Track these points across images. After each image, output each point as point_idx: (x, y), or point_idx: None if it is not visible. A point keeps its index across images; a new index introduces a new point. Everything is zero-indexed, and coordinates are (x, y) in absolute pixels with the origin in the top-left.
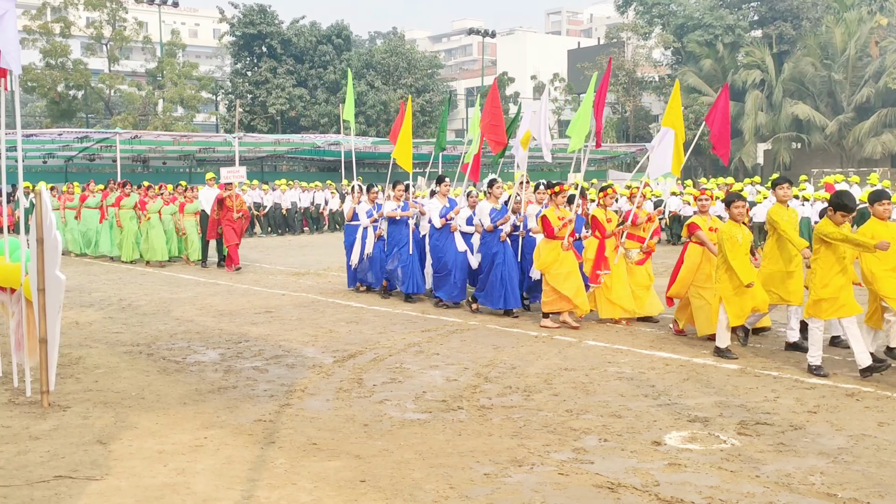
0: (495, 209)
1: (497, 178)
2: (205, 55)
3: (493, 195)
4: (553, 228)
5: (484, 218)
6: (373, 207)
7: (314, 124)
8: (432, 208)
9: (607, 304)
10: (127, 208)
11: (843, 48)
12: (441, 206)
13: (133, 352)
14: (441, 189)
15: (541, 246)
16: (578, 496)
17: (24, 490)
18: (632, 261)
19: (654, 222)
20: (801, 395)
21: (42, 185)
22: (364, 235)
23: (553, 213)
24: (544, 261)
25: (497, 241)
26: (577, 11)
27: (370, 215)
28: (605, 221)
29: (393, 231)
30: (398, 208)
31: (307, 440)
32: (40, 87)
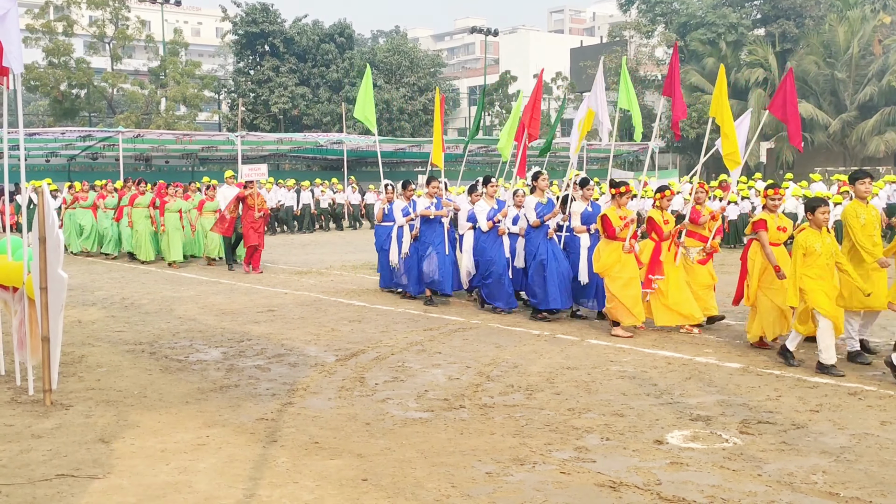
0: (541, 203)
1: (542, 171)
2: (207, 54)
3: (539, 188)
4: (614, 229)
5: (529, 213)
6: (409, 205)
7: (317, 123)
8: (479, 210)
9: (664, 311)
10: (141, 207)
11: (847, 46)
12: (489, 208)
13: (135, 350)
14: (488, 190)
15: (601, 247)
16: (580, 495)
17: (26, 488)
18: (692, 260)
19: (717, 220)
20: (803, 394)
21: (44, 183)
22: (400, 235)
23: (614, 212)
24: (604, 263)
25: (543, 237)
26: (580, 10)
27: (406, 214)
28: (662, 223)
29: (426, 230)
30: (431, 206)
31: (309, 439)
32: (43, 86)
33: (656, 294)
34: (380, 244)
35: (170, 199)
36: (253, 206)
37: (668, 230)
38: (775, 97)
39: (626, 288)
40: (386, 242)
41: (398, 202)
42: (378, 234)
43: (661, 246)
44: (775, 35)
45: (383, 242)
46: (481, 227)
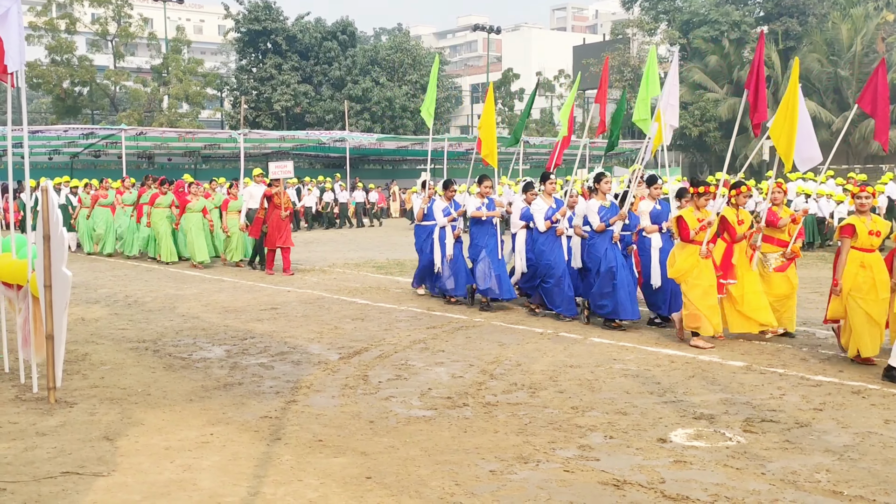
0: (604, 206)
1: (605, 172)
2: (210, 51)
3: (601, 191)
4: (689, 231)
5: (592, 216)
6: (450, 205)
7: (319, 121)
8: (536, 209)
9: (738, 318)
10: (162, 206)
11: (850, 44)
12: (546, 207)
13: (139, 348)
14: (546, 187)
15: (676, 251)
16: (584, 493)
17: (31, 486)
18: (770, 268)
19: (798, 223)
20: (806, 393)
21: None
22: (442, 236)
23: (691, 214)
24: (679, 268)
25: (609, 242)
26: (583, 7)
27: (447, 214)
28: (737, 223)
29: (477, 232)
30: (482, 207)
31: (313, 437)
32: (45, 84)
33: (729, 300)
34: (419, 244)
35: (192, 199)
36: (279, 206)
37: (742, 231)
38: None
39: (705, 296)
40: (426, 243)
41: (438, 202)
42: (418, 234)
43: (733, 248)
44: (778, 33)
45: (423, 243)
46: (538, 227)
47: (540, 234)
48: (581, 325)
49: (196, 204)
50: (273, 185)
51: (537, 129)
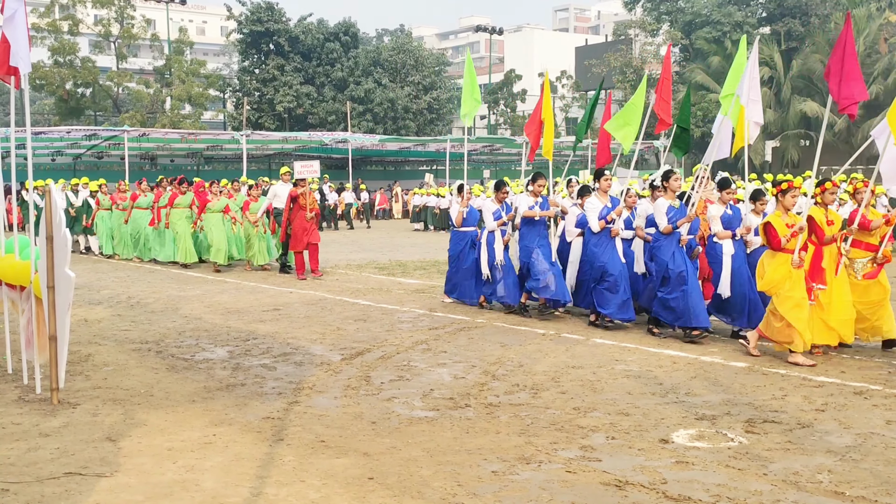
0: (673, 207)
1: (674, 170)
2: (212, 53)
3: (670, 189)
4: (780, 239)
5: (660, 217)
6: (500, 208)
7: (322, 122)
8: (590, 208)
9: (822, 328)
10: (182, 206)
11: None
12: (601, 206)
13: (142, 349)
14: (602, 185)
15: (765, 260)
16: (586, 494)
17: (34, 487)
18: (858, 275)
19: (892, 224)
20: (808, 394)
21: (51, 183)
22: (490, 240)
23: (779, 218)
24: (770, 279)
25: (677, 246)
26: (585, 8)
27: (498, 217)
28: (825, 224)
29: (528, 233)
30: (536, 206)
31: (315, 437)
32: (48, 85)
33: (816, 308)
34: (455, 251)
35: (212, 199)
36: (305, 207)
37: (831, 232)
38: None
39: (797, 309)
40: (462, 250)
41: (489, 204)
42: (455, 240)
43: (822, 251)
44: (781, 33)
45: (459, 250)
46: (592, 227)
47: (593, 234)
48: (582, 327)
49: (216, 204)
50: (298, 185)
51: None
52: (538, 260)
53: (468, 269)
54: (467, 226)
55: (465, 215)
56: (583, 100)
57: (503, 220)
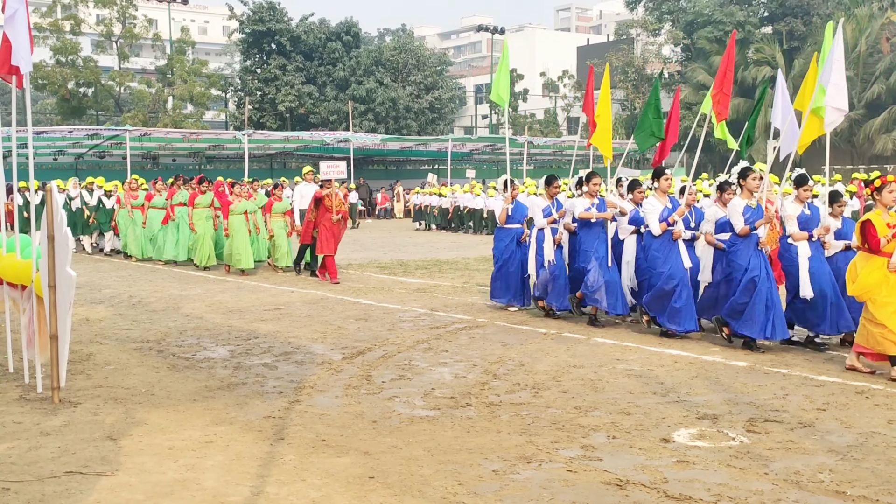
0: (750, 207)
1: (752, 167)
2: (214, 52)
3: (747, 189)
4: (878, 240)
5: (736, 218)
6: (551, 204)
7: (323, 121)
8: (649, 210)
9: None
10: (202, 206)
11: (854, 45)
12: (661, 207)
13: (143, 348)
14: (661, 184)
15: (858, 263)
16: (587, 493)
17: (35, 485)
18: None
19: None
20: (810, 393)
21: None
22: (540, 239)
23: (879, 217)
24: (864, 283)
25: (754, 249)
26: (587, 8)
27: (548, 214)
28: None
29: (585, 237)
30: (593, 207)
31: (316, 437)
32: (50, 85)
33: None
34: (500, 250)
35: (234, 200)
36: (330, 209)
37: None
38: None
39: None
40: (508, 249)
41: (538, 200)
42: (499, 239)
43: None
44: (783, 33)
45: (504, 249)
46: (652, 230)
47: (653, 238)
48: (584, 326)
49: (239, 206)
50: (324, 185)
51: (541, 129)
52: (595, 269)
53: (517, 270)
54: (512, 223)
55: (510, 212)
56: (583, 100)
57: (553, 218)
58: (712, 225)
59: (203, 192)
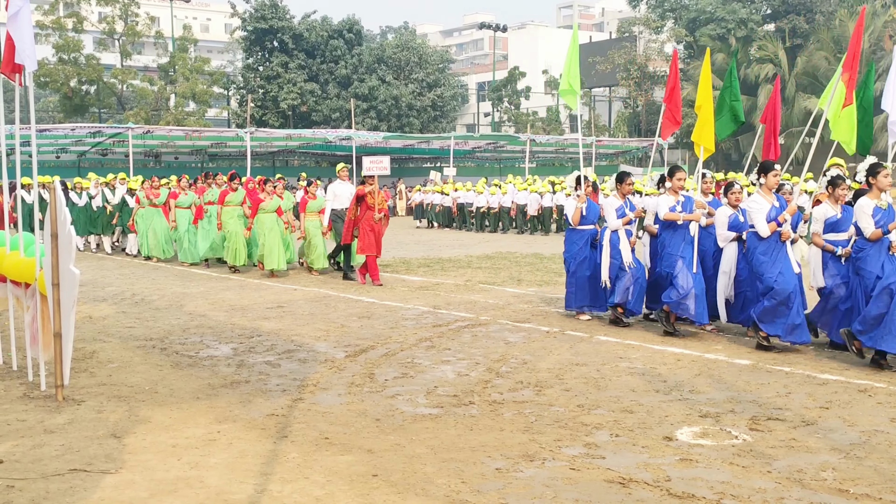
0: (880, 208)
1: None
2: (216, 50)
3: (877, 187)
4: None
5: (865, 221)
6: (624, 203)
7: (326, 119)
8: (754, 209)
9: None
10: (233, 205)
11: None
12: (768, 206)
13: (146, 346)
14: (768, 181)
15: None
16: (590, 491)
17: (39, 483)
18: None
19: None
20: (813, 391)
21: (56, 180)
22: (614, 241)
23: None
24: None
25: (886, 254)
26: (589, 5)
27: (622, 215)
28: None
29: (671, 239)
30: (678, 206)
31: (319, 434)
32: (53, 82)
33: None
34: (572, 254)
35: (265, 197)
36: (373, 207)
37: None
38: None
39: None
40: (581, 253)
41: (611, 199)
42: (571, 241)
43: None
44: (785, 31)
45: (576, 252)
46: (760, 231)
47: (759, 240)
48: (586, 324)
49: (270, 204)
50: (366, 182)
51: (543, 127)
52: (682, 273)
53: (595, 275)
54: (586, 224)
55: (583, 211)
56: (586, 97)
57: (628, 218)
58: (821, 225)
59: (234, 190)
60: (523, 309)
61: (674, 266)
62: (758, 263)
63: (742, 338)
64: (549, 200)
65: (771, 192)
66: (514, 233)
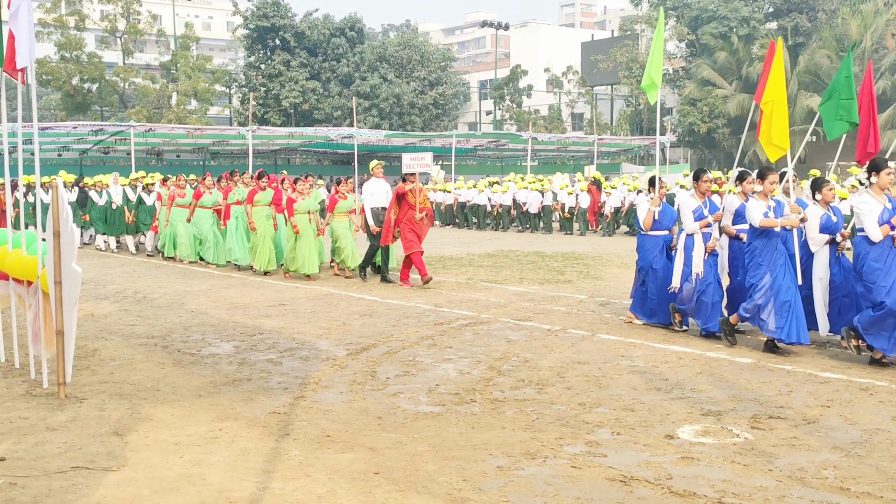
0: None
1: None
2: (218, 48)
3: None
4: None
5: None
6: (703, 204)
7: (327, 117)
8: (865, 211)
9: None
10: (262, 204)
11: (859, 40)
12: (880, 208)
13: (148, 344)
14: (880, 180)
15: None
16: (591, 489)
17: (41, 480)
18: None
19: None
20: (814, 389)
21: (58, 178)
22: (689, 246)
23: None
24: None
25: None
26: (591, 4)
27: (700, 217)
28: None
29: (763, 248)
30: (769, 212)
31: (321, 432)
32: (55, 81)
33: None
34: (647, 261)
35: (299, 198)
36: (414, 205)
37: None
38: None
39: None
40: (657, 260)
41: (688, 199)
42: (644, 248)
43: None
44: (787, 29)
45: (651, 260)
46: (870, 235)
47: (870, 245)
48: (588, 322)
49: (303, 204)
50: (407, 180)
51: (545, 125)
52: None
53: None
54: (660, 228)
55: (657, 215)
56: (588, 95)
57: (707, 221)
58: None
59: (263, 189)
60: (525, 307)
61: (760, 277)
62: (869, 271)
63: (744, 336)
64: (549, 199)
65: (883, 191)
66: (514, 230)
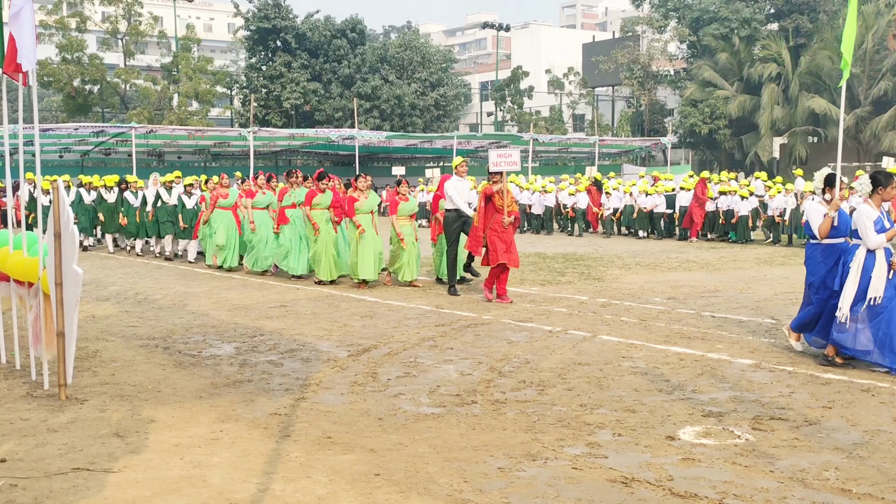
0: None
1: None
2: (219, 49)
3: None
4: None
5: None
6: (882, 213)
7: (328, 119)
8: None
9: None
10: (321, 207)
11: (861, 42)
12: None
13: (149, 345)
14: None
15: None
16: (592, 490)
17: (42, 482)
18: None
19: None
20: (816, 391)
21: (59, 180)
22: (870, 265)
23: None
24: None
25: None
26: (592, 5)
27: (881, 229)
28: None
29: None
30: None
31: (322, 434)
32: (56, 82)
33: None
34: (819, 276)
35: (360, 196)
36: (501, 209)
37: None
38: None
39: None
40: (831, 274)
41: (864, 206)
42: (814, 260)
43: None
44: (789, 30)
45: (826, 274)
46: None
47: None
48: (589, 323)
49: (365, 204)
50: (494, 180)
51: (546, 126)
52: None
53: None
54: (837, 236)
55: (835, 221)
56: (590, 96)
57: (894, 233)
58: None
59: (322, 191)
60: (526, 308)
61: None
62: None
63: (745, 337)
64: (551, 200)
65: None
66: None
